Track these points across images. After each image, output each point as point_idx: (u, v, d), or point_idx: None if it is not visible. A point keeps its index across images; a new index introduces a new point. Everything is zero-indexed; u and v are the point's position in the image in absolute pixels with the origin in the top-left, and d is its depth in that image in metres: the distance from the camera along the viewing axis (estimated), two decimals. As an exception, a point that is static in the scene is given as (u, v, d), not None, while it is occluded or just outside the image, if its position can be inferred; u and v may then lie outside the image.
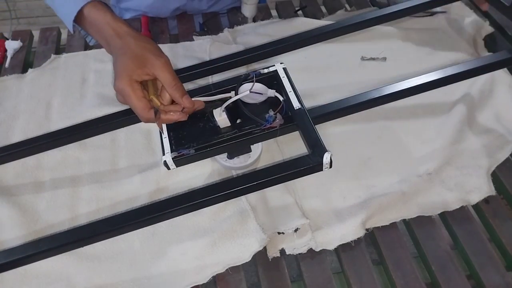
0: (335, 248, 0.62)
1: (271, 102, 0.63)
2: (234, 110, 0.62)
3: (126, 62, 0.57)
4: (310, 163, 0.54)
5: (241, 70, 0.76)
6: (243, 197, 0.64)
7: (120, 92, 0.58)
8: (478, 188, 0.67)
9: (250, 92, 0.62)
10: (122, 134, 0.75)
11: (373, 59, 0.86)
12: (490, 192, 0.66)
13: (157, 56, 0.58)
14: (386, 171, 0.69)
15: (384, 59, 0.86)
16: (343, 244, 0.62)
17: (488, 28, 0.91)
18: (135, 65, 0.57)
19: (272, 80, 0.65)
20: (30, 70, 0.87)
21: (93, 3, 0.62)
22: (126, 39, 0.59)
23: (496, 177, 0.70)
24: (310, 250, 0.61)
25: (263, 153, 0.69)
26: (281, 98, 0.62)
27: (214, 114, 0.61)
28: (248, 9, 0.99)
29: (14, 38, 0.95)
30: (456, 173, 0.69)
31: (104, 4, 0.64)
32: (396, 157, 0.71)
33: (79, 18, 0.64)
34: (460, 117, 0.74)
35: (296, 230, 0.62)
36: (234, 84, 0.64)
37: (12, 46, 0.92)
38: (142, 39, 0.60)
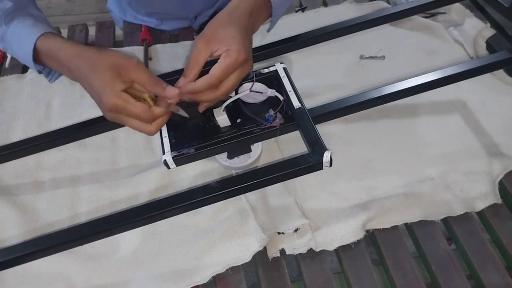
0: (335, 248, 0.62)
1: (271, 102, 0.63)
2: (234, 110, 0.62)
3: (102, 77, 0.53)
4: (310, 161, 0.54)
5: (241, 70, 0.76)
6: (243, 197, 0.64)
7: (113, 108, 0.53)
8: (485, 195, 0.66)
9: (250, 91, 0.62)
10: (122, 134, 0.75)
11: (372, 57, 0.86)
12: (495, 200, 0.65)
13: (126, 59, 0.54)
14: (389, 174, 0.69)
15: (383, 57, 0.86)
16: (343, 245, 0.62)
17: (489, 30, 0.91)
18: (112, 76, 0.53)
19: (272, 80, 0.65)
20: (30, 70, 0.87)
21: (44, 35, 0.58)
22: (87, 56, 0.55)
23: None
24: (310, 250, 0.61)
25: (263, 153, 0.69)
26: (281, 98, 0.62)
27: (214, 113, 0.61)
28: (248, 10, 0.99)
29: (14, 38, 0.95)
30: (462, 178, 0.67)
31: (55, 33, 0.59)
32: (399, 160, 0.70)
33: (37, 57, 0.59)
34: (465, 121, 0.73)
35: (296, 230, 0.62)
36: (234, 83, 0.64)
37: (12, 46, 0.92)
38: (103, 50, 0.55)
